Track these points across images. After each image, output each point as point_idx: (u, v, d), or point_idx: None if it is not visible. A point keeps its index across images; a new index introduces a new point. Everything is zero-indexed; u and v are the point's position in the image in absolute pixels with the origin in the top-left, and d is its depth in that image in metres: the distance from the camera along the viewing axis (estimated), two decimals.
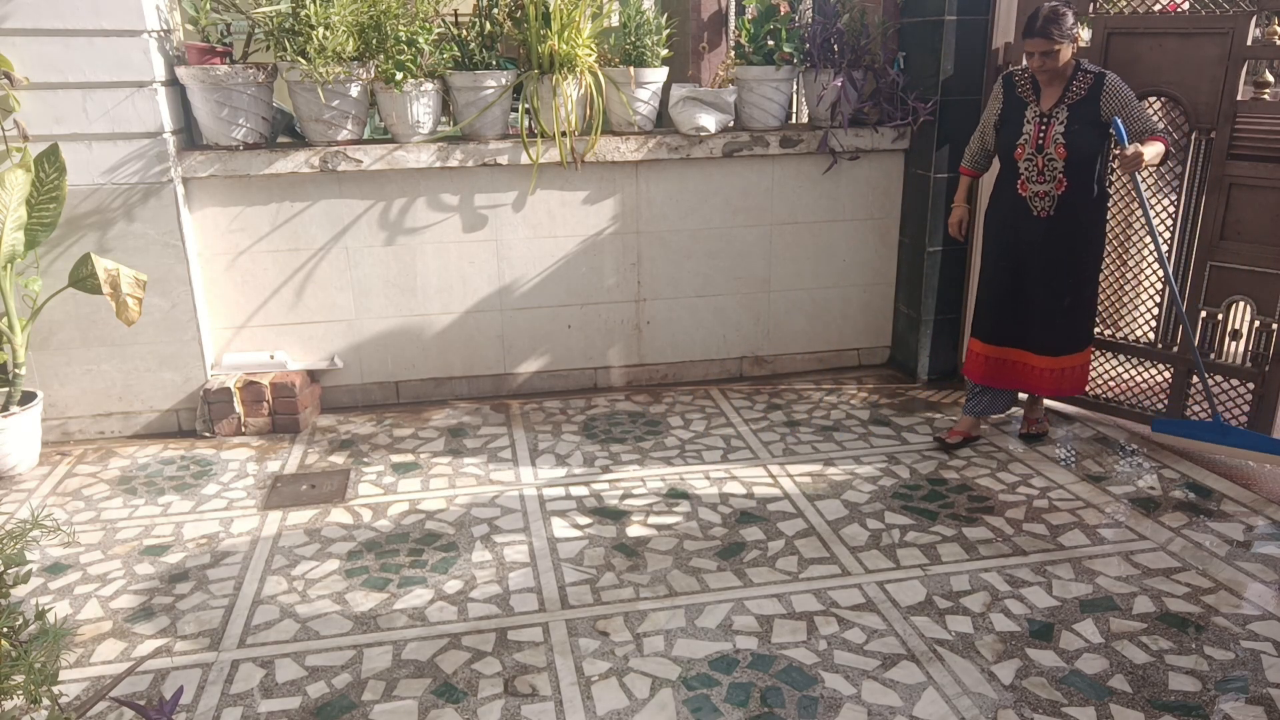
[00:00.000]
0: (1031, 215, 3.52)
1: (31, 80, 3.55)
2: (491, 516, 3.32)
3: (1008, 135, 3.54)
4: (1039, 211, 3.50)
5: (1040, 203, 3.50)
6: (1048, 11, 3.30)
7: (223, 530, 3.25)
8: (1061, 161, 3.41)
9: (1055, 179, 3.44)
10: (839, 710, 2.33)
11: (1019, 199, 3.54)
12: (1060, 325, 3.59)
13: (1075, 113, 3.39)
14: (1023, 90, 3.52)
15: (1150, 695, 2.37)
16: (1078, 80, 3.40)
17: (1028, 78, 3.51)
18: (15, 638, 1.99)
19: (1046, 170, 3.45)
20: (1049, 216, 3.49)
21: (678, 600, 2.80)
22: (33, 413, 3.67)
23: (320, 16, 3.64)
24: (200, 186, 3.93)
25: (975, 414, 3.86)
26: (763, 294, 4.61)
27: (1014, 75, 3.56)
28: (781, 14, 4.28)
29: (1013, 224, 3.59)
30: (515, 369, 4.47)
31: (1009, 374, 3.73)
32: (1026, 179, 3.51)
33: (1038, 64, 3.36)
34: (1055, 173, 3.43)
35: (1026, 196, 3.52)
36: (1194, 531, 3.16)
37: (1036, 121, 3.46)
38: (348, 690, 2.43)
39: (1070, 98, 3.40)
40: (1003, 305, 3.67)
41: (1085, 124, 3.38)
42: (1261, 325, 3.53)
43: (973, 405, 3.85)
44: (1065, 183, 3.43)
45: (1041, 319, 3.60)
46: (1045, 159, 3.44)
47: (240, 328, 4.15)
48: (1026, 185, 3.51)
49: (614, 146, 4.18)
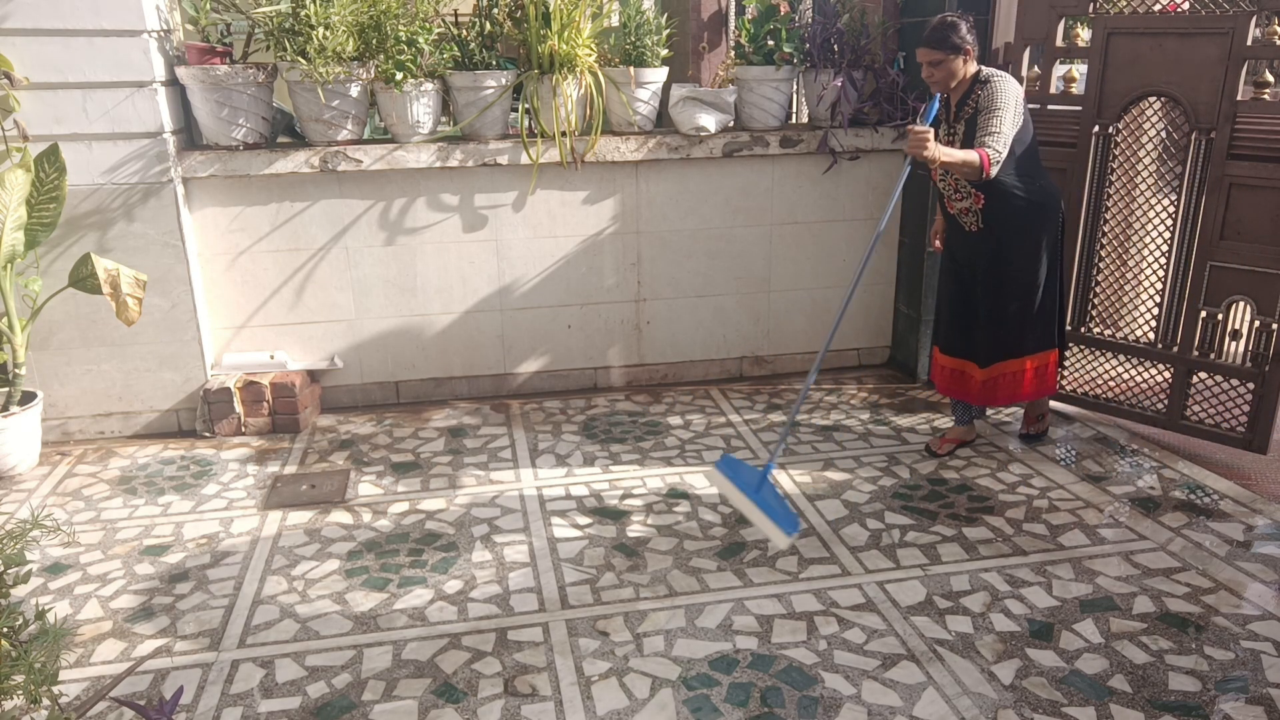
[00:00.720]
0: (964, 231, 3.50)
1: (31, 80, 3.55)
2: (491, 516, 3.32)
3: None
4: (969, 227, 3.46)
5: (967, 219, 3.45)
6: (938, 21, 3.21)
7: (223, 530, 3.25)
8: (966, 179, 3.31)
9: (969, 194, 3.38)
10: (839, 710, 2.33)
11: (950, 216, 3.53)
12: (1000, 333, 3.53)
13: (971, 127, 3.27)
14: (943, 105, 3.41)
15: (1150, 695, 2.37)
16: (975, 91, 3.27)
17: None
18: (15, 638, 1.99)
19: (960, 187, 3.39)
20: (979, 230, 3.44)
21: (678, 600, 2.80)
22: (33, 413, 3.67)
23: (320, 16, 3.64)
24: (200, 186, 3.94)
25: (964, 422, 3.84)
26: (763, 294, 4.61)
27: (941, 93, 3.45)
28: (781, 14, 4.28)
29: (952, 240, 3.60)
30: (515, 369, 4.47)
31: (955, 383, 3.72)
32: (948, 197, 3.48)
33: (925, 74, 3.27)
34: (966, 188, 3.37)
35: (955, 214, 3.49)
36: (1194, 531, 3.16)
37: (944, 139, 3.36)
38: (348, 690, 2.43)
39: (967, 110, 3.30)
40: (954, 317, 3.67)
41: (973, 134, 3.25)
42: (1261, 325, 3.53)
43: (959, 414, 3.84)
44: (981, 197, 3.35)
45: (984, 329, 3.55)
46: (954, 178, 3.37)
47: (240, 328, 4.15)
48: (951, 203, 3.48)
49: (614, 146, 4.18)
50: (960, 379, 3.69)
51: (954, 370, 3.70)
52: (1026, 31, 3.93)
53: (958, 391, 3.72)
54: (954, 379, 3.71)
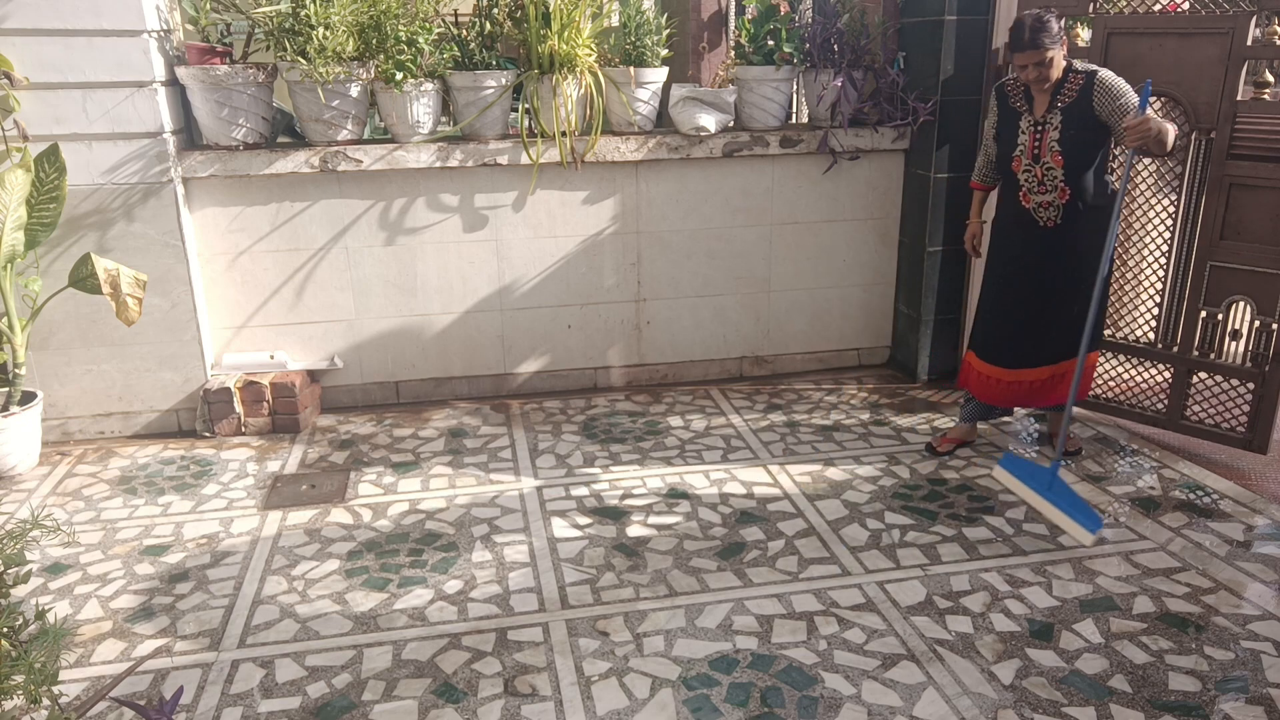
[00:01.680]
0: (1038, 226, 3.41)
1: (31, 80, 3.55)
2: (491, 516, 3.32)
3: (1004, 147, 3.45)
4: (1045, 222, 3.39)
5: (1045, 213, 3.38)
6: (1033, 21, 3.17)
7: (223, 530, 3.25)
8: (1060, 170, 3.29)
9: (1056, 188, 3.33)
10: (839, 710, 2.33)
11: (1023, 210, 3.43)
12: (1068, 332, 3.46)
13: (1069, 117, 3.27)
14: (1015, 100, 3.41)
15: (1150, 695, 2.37)
16: (1069, 82, 3.27)
17: (1020, 87, 3.39)
18: (15, 638, 1.99)
19: (1046, 180, 3.34)
20: (1056, 226, 3.38)
21: (678, 600, 2.80)
22: (33, 413, 3.67)
23: (320, 16, 3.64)
24: (200, 186, 3.94)
25: (970, 420, 3.82)
26: (763, 294, 4.61)
27: (1005, 85, 3.47)
28: (781, 14, 4.28)
29: (1019, 237, 3.48)
30: (515, 369, 4.47)
31: (1009, 393, 3.61)
32: (1027, 190, 3.40)
33: (1034, 75, 3.23)
34: (1055, 182, 3.32)
35: (1030, 208, 3.41)
36: (1194, 531, 3.16)
37: (1031, 131, 3.35)
38: (348, 690, 2.43)
39: (1062, 100, 3.28)
40: (1007, 324, 3.55)
41: (1080, 127, 3.26)
42: (1261, 325, 3.53)
43: (969, 412, 3.81)
44: (1068, 191, 3.31)
45: (1052, 330, 3.47)
46: (1044, 169, 3.33)
47: (240, 328, 4.15)
48: (1029, 196, 3.40)
49: (614, 146, 4.18)
50: (999, 385, 3.61)
51: (996, 380, 3.61)
52: None
53: (995, 396, 3.65)
54: (994, 388, 3.62)
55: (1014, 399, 3.64)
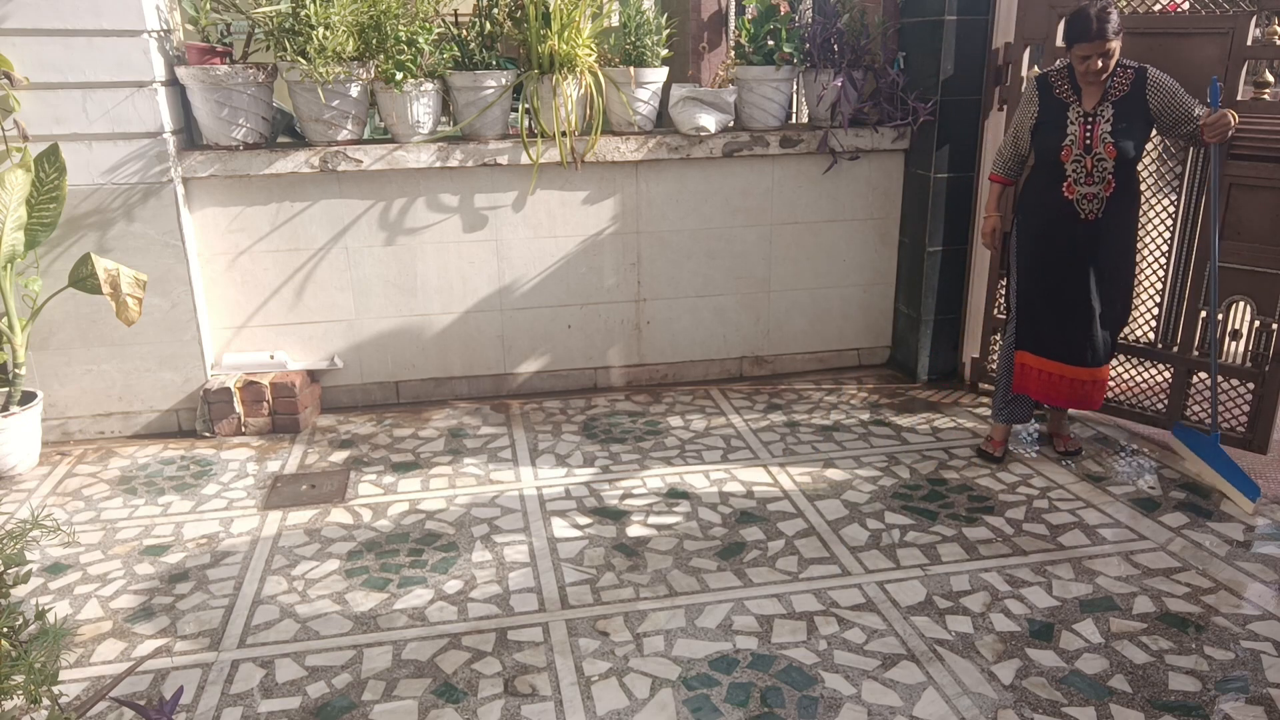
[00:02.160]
0: (1079, 219, 3.36)
1: (31, 80, 3.55)
2: (491, 516, 3.32)
3: (1049, 138, 3.39)
4: (1087, 215, 3.35)
5: (1089, 205, 3.35)
6: (1099, 11, 3.15)
7: (223, 530, 3.25)
8: (1111, 161, 3.29)
9: (1105, 180, 3.31)
10: (839, 710, 2.33)
11: (1064, 202, 3.37)
12: (1108, 331, 3.47)
13: (1120, 110, 3.29)
14: (1061, 91, 3.38)
15: (1150, 695, 2.37)
16: (1118, 76, 3.29)
17: (1065, 77, 3.37)
18: (15, 638, 1.99)
19: (1095, 171, 3.31)
20: (1097, 219, 3.35)
21: (678, 600, 2.80)
22: (33, 413, 3.67)
23: (320, 16, 3.64)
24: (200, 186, 3.94)
25: (1008, 422, 3.73)
26: (763, 294, 4.61)
27: (1049, 76, 3.42)
28: (781, 14, 4.28)
29: (1057, 231, 3.42)
30: (515, 369, 4.47)
31: (1072, 391, 3.53)
32: (1074, 181, 3.35)
33: (1098, 66, 3.20)
34: (1105, 173, 3.31)
35: (1074, 199, 3.35)
36: (1194, 531, 3.16)
37: (1081, 122, 3.32)
38: (348, 690, 2.43)
39: (1113, 94, 3.29)
40: (1062, 318, 3.48)
41: (1131, 121, 3.28)
42: (1261, 325, 3.53)
43: (1006, 414, 3.72)
44: (1113, 183, 3.31)
45: (1089, 328, 3.44)
46: (1094, 159, 3.31)
47: (240, 328, 4.15)
48: (1074, 187, 3.35)
49: (614, 146, 4.18)
50: (1064, 382, 3.52)
51: (1059, 375, 3.53)
52: (1026, 31, 3.93)
53: (1053, 396, 3.57)
54: (1058, 384, 3.53)
55: (1074, 398, 3.56)
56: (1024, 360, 3.61)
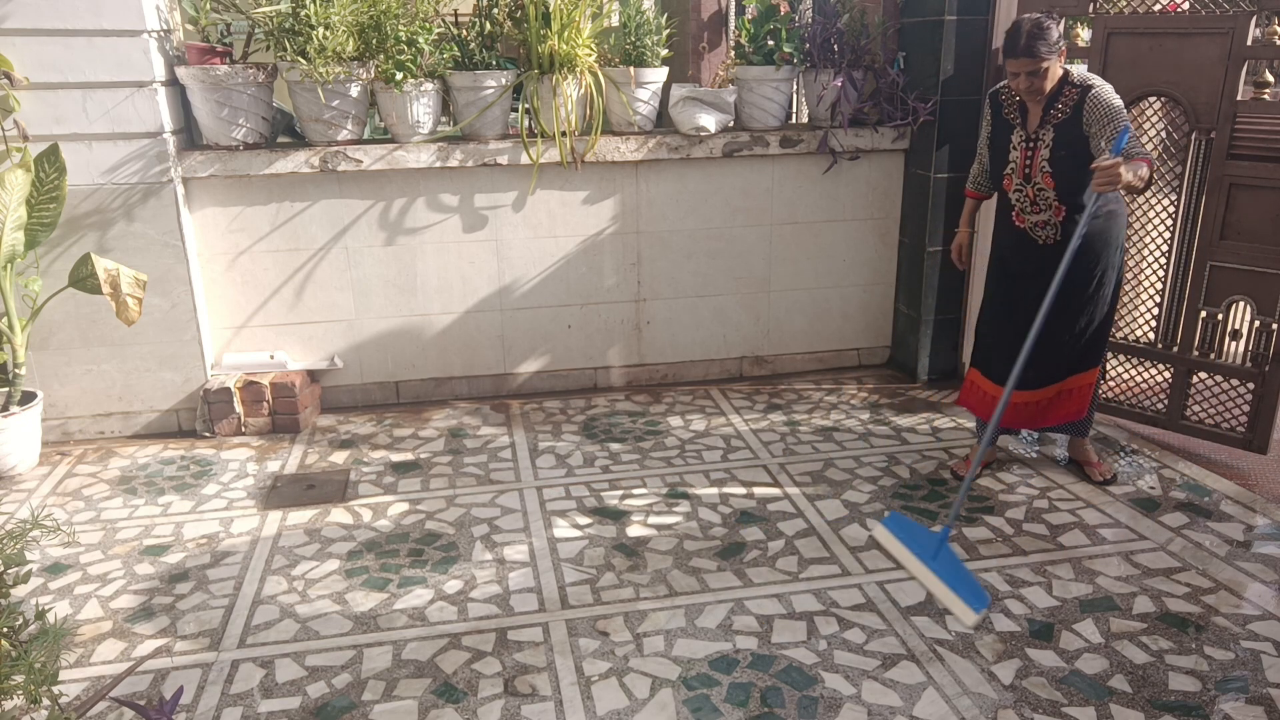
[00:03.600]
0: (1036, 244, 3.23)
1: (31, 80, 3.55)
2: (491, 516, 3.32)
3: (996, 162, 3.25)
4: (1044, 240, 3.20)
5: (1043, 232, 3.19)
6: (1030, 26, 2.94)
7: (223, 530, 3.25)
8: (1052, 191, 3.10)
9: (1050, 208, 3.13)
10: (839, 710, 2.33)
11: (1017, 230, 3.26)
12: (1071, 350, 3.31)
13: (1061, 134, 3.05)
14: (1009, 111, 3.19)
15: (1150, 695, 2.37)
16: (1064, 96, 3.05)
17: (1014, 96, 3.18)
18: (15, 638, 1.99)
19: (1039, 200, 3.14)
20: (1055, 243, 3.17)
21: (678, 600, 2.80)
22: (33, 413, 3.67)
23: (320, 16, 3.64)
24: (200, 186, 3.94)
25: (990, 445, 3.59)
26: (763, 294, 4.61)
27: (1000, 93, 3.26)
28: (781, 14, 4.28)
29: (1017, 255, 3.30)
30: (515, 369, 4.47)
31: (1016, 414, 3.41)
32: (1020, 210, 3.21)
33: (1024, 85, 3.00)
34: (1048, 202, 3.13)
35: (1025, 228, 3.23)
36: (1194, 531, 3.16)
37: (1022, 147, 3.14)
38: (348, 690, 2.43)
39: (1055, 116, 3.06)
40: (1005, 342, 3.33)
41: (1072, 147, 3.04)
42: (1261, 325, 3.53)
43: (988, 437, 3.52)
44: (1063, 209, 3.12)
45: (1052, 347, 3.26)
46: (1035, 189, 3.13)
47: (240, 328, 4.15)
48: (1022, 216, 3.22)
49: (614, 146, 4.18)
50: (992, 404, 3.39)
51: (987, 395, 3.44)
52: None
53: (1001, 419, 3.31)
54: (989, 405, 3.42)
55: (1020, 420, 3.45)
56: (973, 377, 3.53)
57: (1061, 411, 3.42)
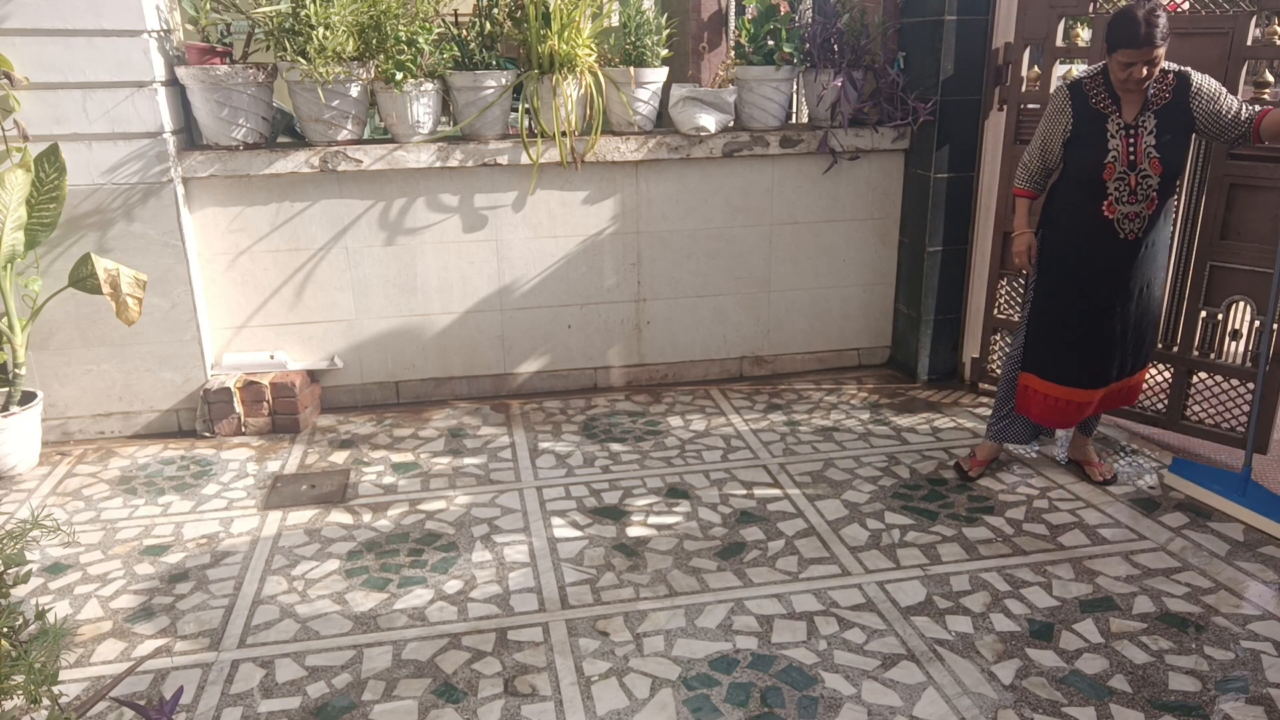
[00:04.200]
0: (1118, 239, 3.13)
1: (31, 80, 3.55)
2: (491, 516, 3.32)
3: (1087, 153, 3.12)
4: (1127, 234, 3.12)
5: (1130, 224, 3.11)
6: (1147, 14, 2.85)
7: (223, 530, 3.25)
8: (1157, 178, 3.04)
9: (1148, 198, 3.07)
10: (839, 710, 2.33)
11: (1103, 222, 3.13)
12: (1142, 346, 3.33)
13: (1164, 121, 3.03)
14: (1099, 101, 3.09)
15: (1150, 695, 2.37)
16: (1158, 83, 3.02)
17: (1101, 86, 3.09)
18: (15, 638, 1.99)
19: (1139, 189, 3.06)
20: (1136, 239, 3.12)
21: (678, 600, 2.80)
22: (33, 413, 3.67)
23: (320, 16, 3.64)
24: (200, 186, 3.94)
25: (999, 440, 3.57)
26: (763, 294, 4.61)
27: (1084, 84, 3.12)
28: (781, 14, 4.29)
29: (1094, 251, 3.18)
30: (515, 369, 4.47)
31: (1080, 414, 3.37)
32: (1116, 199, 3.09)
33: (1143, 74, 2.93)
34: (1149, 191, 3.06)
35: (1114, 219, 3.11)
36: (1194, 531, 3.16)
37: (1122, 135, 3.05)
38: (348, 690, 2.43)
39: (1155, 103, 3.03)
40: (1084, 345, 3.26)
41: (1175, 133, 3.03)
42: (1261, 325, 3.53)
43: (998, 431, 3.55)
44: (1156, 200, 3.08)
45: (1125, 344, 3.28)
46: (1139, 176, 3.05)
47: (240, 328, 4.15)
48: (1114, 206, 3.10)
49: (614, 146, 4.18)
50: (1072, 407, 3.35)
51: (1068, 402, 3.33)
52: (1026, 31, 3.93)
53: (1066, 419, 3.38)
54: (1064, 409, 3.35)
55: (1070, 419, 3.39)
56: (1031, 383, 3.40)
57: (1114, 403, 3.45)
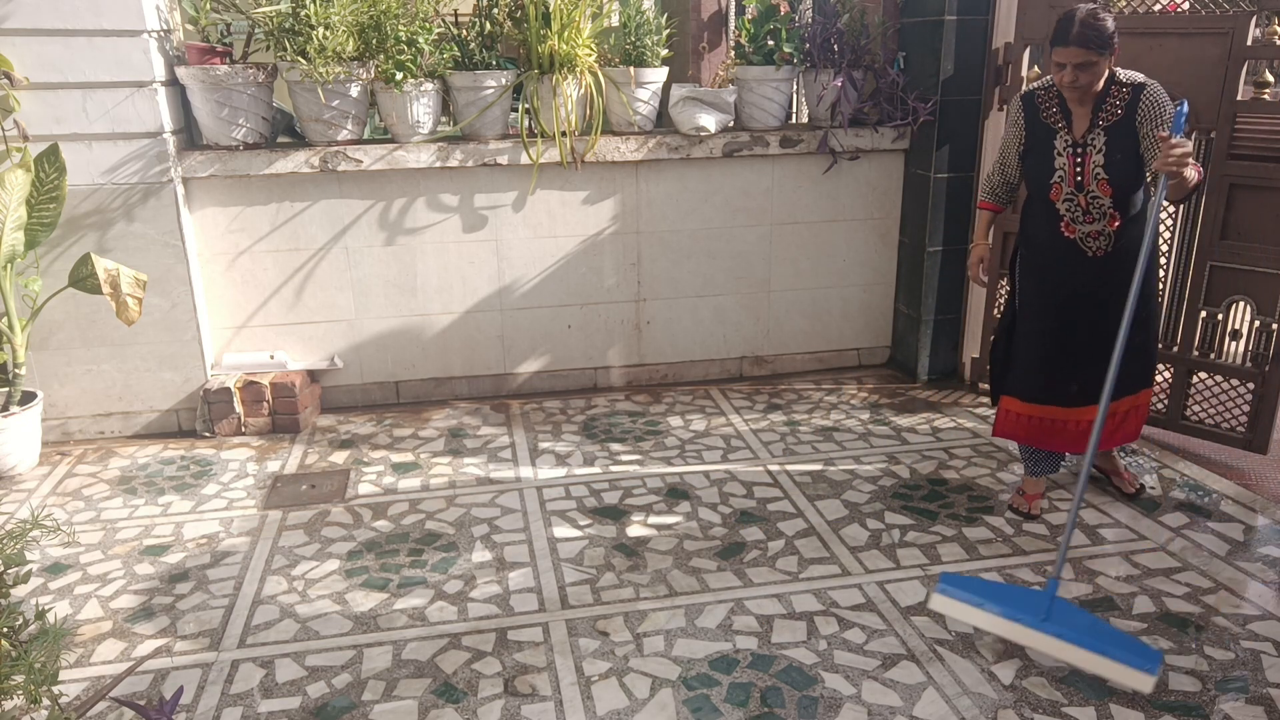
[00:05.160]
0: (1085, 257, 2.99)
1: (31, 80, 3.55)
2: (491, 516, 3.32)
3: (1037, 171, 2.98)
4: (1094, 251, 2.97)
5: (1095, 243, 2.96)
6: (1085, 15, 2.71)
7: (223, 530, 3.25)
8: (1108, 199, 2.88)
9: (1105, 216, 2.91)
10: (839, 710, 2.33)
11: (1066, 242, 2.99)
12: (1131, 366, 3.01)
13: (1114, 137, 2.84)
14: (1048, 114, 2.94)
15: (1150, 695, 2.37)
16: (1112, 95, 2.84)
17: (1053, 98, 2.94)
18: (15, 638, 1.99)
19: (1092, 209, 2.91)
20: (1106, 254, 2.97)
21: (678, 600, 2.80)
22: (33, 413, 3.67)
23: (320, 16, 3.64)
24: (200, 186, 3.94)
25: (1039, 475, 3.33)
26: (763, 294, 4.61)
27: (1035, 95, 2.98)
28: (781, 14, 4.29)
29: (1062, 269, 3.03)
30: (515, 369, 4.47)
31: (1057, 434, 3.17)
32: (1070, 220, 2.96)
33: (1069, 79, 2.77)
34: (1103, 210, 2.90)
35: (1075, 238, 2.98)
36: (1194, 531, 3.16)
37: (1069, 153, 2.90)
38: (348, 690, 2.43)
39: (1105, 119, 2.85)
40: (1054, 361, 3.10)
41: (1126, 151, 2.84)
42: (1261, 325, 3.53)
43: (1034, 467, 3.32)
44: (1118, 217, 2.91)
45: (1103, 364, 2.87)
46: (1088, 198, 2.90)
47: (240, 328, 4.15)
48: (1072, 226, 2.97)
49: (614, 146, 4.18)
50: (1052, 429, 3.17)
51: (1041, 420, 3.17)
52: (1026, 31, 3.93)
53: (1048, 441, 3.20)
54: (1041, 429, 3.18)
55: (1052, 439, 3.20)
56: (1009, 405, 3.23)
57: (1120, 435, 3.22)
